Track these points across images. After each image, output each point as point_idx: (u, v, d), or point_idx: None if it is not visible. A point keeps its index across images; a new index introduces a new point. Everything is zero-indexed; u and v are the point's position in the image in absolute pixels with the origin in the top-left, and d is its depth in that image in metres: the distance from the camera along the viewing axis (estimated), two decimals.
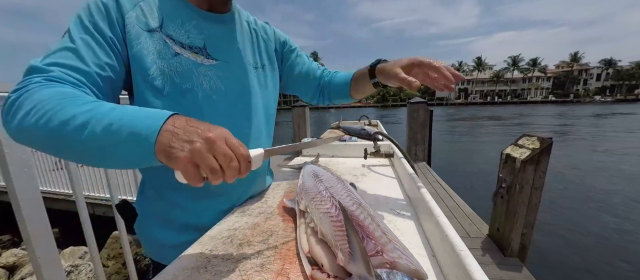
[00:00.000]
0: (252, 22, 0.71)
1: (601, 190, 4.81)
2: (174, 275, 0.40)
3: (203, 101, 0.56)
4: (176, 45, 0.53)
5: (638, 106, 37.42)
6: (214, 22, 0.59)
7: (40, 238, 0.90)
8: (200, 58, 0.56)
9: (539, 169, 1.96)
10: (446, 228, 0.39)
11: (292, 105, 5.09)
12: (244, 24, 0.67)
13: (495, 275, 1.96)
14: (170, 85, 0.53)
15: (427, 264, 0.41)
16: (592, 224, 3.56)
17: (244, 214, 0.62)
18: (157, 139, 0.34)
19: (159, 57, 0.51)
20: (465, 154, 8.85)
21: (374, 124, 3.54)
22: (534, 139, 2.02)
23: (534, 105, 56.84)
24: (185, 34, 0.55)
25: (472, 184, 5.26)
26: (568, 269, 2.65)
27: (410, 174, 0.69)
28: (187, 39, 0.55)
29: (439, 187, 3.86)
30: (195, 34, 0.56)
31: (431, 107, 5.60)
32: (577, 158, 7.34)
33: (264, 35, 0.73)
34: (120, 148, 0.35)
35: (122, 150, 0.35)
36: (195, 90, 0.55)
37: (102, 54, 0.46)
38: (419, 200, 0.56)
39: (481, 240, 2.41)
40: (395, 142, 1.01)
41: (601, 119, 18.54)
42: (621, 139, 10.31)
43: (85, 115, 0.35)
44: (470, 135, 13.08)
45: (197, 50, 0.56)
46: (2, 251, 1.60)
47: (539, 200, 2.04)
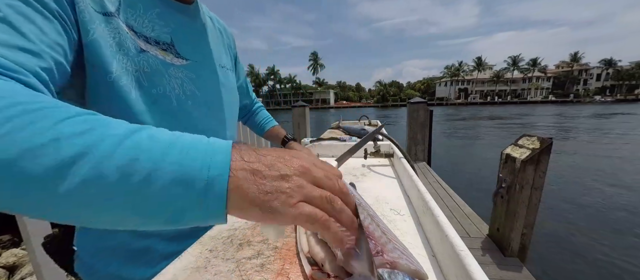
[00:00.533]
0: (214, 19, 0.64)
1: (601, 190, 4.82)
2: (174, 275, 0.40)
3: (178, 109, 0.48)
4: (140, 39, 0.43)
5: (638, 106, 37.43)
6: (179, 13, 0.50)
7: (40, 238, 0.90)
8: (170, 57, 0.47)
9: (539, 169, 1.96)
10: (446, 228, 0.39)
11: (292, 105, 5.09)
12: (208, 20, 0.59)
13: (495, 275, 1.96)
14: (138, 88, 0.42)
15: (427, 264, 0.41)
16: (592, 224, 3.57)
17: None
18: (230, 184, 0.22)
19: (119, 51, 0.40)
20: (465, 154, 8.85)
21: (374, 124, 3.54)
22: (534, 139, 2.02)
23: (534, 105, 56.88)
24: (149, 25, 0.45)
25: (472, 184, 5.26)
26: (568, 269, 2.65)
27: (410, 174, 0.69)
28: (152, 32, 0.45)
29: (439, 187, 3.86)
30: (160, 26, 0.47)
31: (431, 107, 5.60)
32: (577, 158, 7.34)
33: (226, 37, 0.67)
34: (149, 203, 0.20)
35: (153, 206, 0.20)
36: (169, 95, 0.46)
37: (49, 29, 0.30)
38: (419, 200, 0.56)
39: (481, 240, 2.41)
40: (395, 142, 1.02)
41: (601, 119, 18.55)
42: (621, 139, 10.31)
43: (78, 141, 0.19)
44: (470, 135, 13.09)
45: (165, 46, 0.47)
46: (2, 251, 1.60)
47: (539, 200, 2.04)
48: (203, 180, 0.21)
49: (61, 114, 0.20)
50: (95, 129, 0.20)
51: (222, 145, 0.24)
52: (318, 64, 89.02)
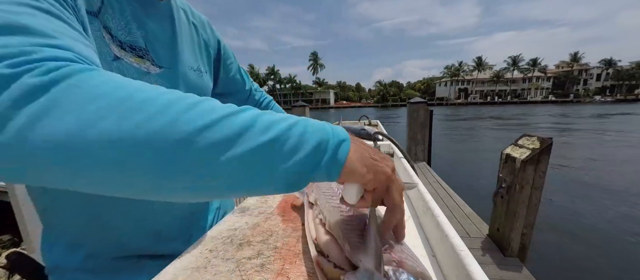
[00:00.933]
0: (189, 12, 0.57)
1: (601, 190, 4.82)
2: (174, 275, 0.40)
3: None
4: (115, 45, 0.39)
5: (638, 106, 37.44)
6: (152, 12, 0.45)
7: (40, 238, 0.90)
8: (147, 64, 0.44)
9: (539, 168, 1.96)
10: (446, 228, 0.40)
11: (292, 105, 5.09)
12: (181, 15, 0.53)
13: (495, 275, 1.96)
14: None
15: (427, 264, 0.41)
16: (592, 224, 3.57)
17: (244, 214, 0.62)
18: (351, 145, 0.29)
19: (100, 56, 0.36)
20: (465, 153, 8.85)
21: (374, 124, 3.54)
22: (534, 139, 2.03)
23: (534, 105, 56.91)
24: (124, 28, 0.41)
25: (472, 184, 5.27)
26: (568, 269, 2.65)
27: (411, 174, 0.69)
28: (127, 36, 0.41)
29: (439, 187, 3.87)
30: (134, 29, 0.42)
31: (431, 107, 5.60)
32: (577, 158, 7.35)
33: (203, 33, 0.61)
34: (300, 162, 0.26)
35: (299, 164, 0.26)
36: None
37: (78, 26, 0.29)
38: (419, 200, 0.56)
39: (481, 240, 2.41)
40: (395, 142, 1.02)
41: (601, 119, 18.56)
42: (621, 139, 10.32)
43: (241, 114, 0.25)
44: (470, 135, 13.09)
45: (141, 53, 0.43)
46: (2, 251, 1.60)
47: (539, 200, 2.04)
48: (334, 144, 0.28)
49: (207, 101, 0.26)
50: (244, 110, 0.25)
51: (336, 127, 0.30)
52: (318, 64, 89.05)
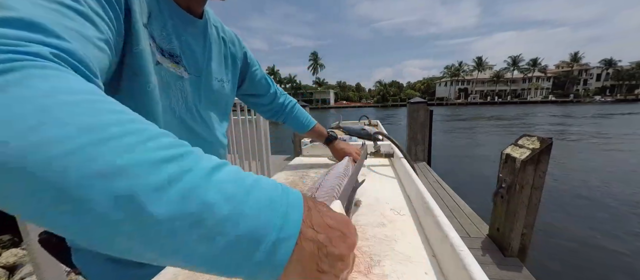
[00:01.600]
0: (220, 28, 0.62)
1: (601, 190, 4.82)
2: (174, 274, 0.40)
3: (179, 121, 0.49)
4: (157, 51, 0.43)
5: (638, 106, 37.44)
6: (190, 26, 0.50)
7: None
8: (180, 69, 0.48)
9: (539, 169, 1.96)
10: (446, 228, 0.39)
11: None
12: (213, 32, 0.58)
13: (495, 275, 1.96)
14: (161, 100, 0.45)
15: (427, 264, 0.41)
16: (592, 224, 3.57)
17: None
18: (294, 254, 0.20)
19: (146, 61, 0.41)
20: (465, 154, 8.84)
21: (374, 124, 3.55)
22: (534, 139, 2.02)
23: (534, 105, 56.89)
24: (166, 37, 0.45)
25: (472, 184, 5.26)
26: (568, 269, 2.65)
27: (410, 174, 0.69)
28: (168, 44, 0.46)
29: (439, 187, 3.86)
30: (173, 38, 0.47)
31: (431, 107, 5.60)
32: (577, 158, 7.34)
33: (232, 47, 0.66)
34: (225, 254, 0.19)
35: (225, 257, 0.19)
36: (174, 109, 0.48)
37: (103, 27, 0.29)
38: (419, 200, 0.56)
39: (481, 240, 2.41)
40: (395, 142, 1.02)
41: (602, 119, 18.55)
42: (621, 140, 10.32)
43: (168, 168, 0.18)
44: (470, 136, 13.09)
45: (177, 59, 0.47)
46: (2, 251, 1.60)
47: (539, 200, 2.04)
48: (271, 242, 0.19)
49: (149, 133, 0.19)
50: (184, 157, 0.19)
51: (296, 199, 0.23)
52: (318, 64, 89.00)
